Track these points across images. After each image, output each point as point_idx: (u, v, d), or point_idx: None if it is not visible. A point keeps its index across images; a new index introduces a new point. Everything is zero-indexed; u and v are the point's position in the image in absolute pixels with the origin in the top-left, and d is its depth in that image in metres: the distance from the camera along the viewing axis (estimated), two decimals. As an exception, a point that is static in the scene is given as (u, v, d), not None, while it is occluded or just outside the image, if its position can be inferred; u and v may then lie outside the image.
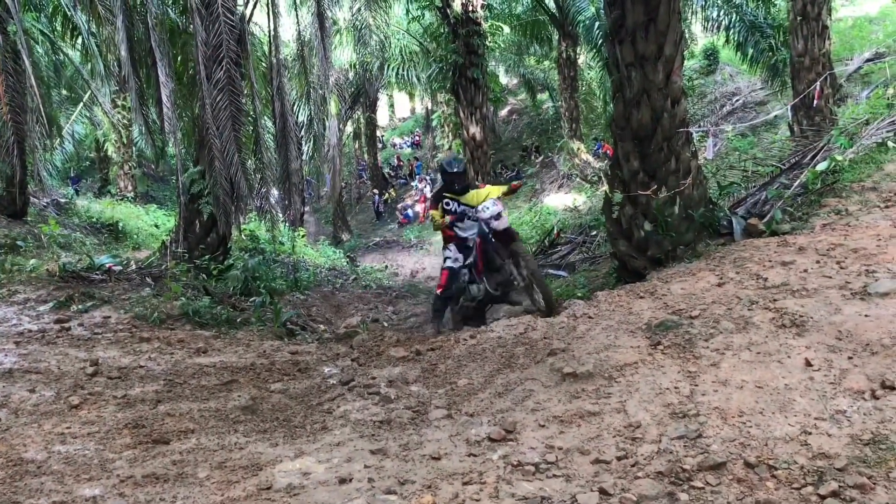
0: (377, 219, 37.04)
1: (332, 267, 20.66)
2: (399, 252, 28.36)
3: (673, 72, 7.78)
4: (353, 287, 16.14)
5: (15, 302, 8.88)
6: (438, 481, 4.11)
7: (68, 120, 25.66)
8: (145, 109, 12.92)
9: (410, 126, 52.36)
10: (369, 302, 12.99)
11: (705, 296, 5.94)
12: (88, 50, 19.67)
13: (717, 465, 3.82)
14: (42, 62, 19.06)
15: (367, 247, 30.31)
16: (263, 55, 14.95)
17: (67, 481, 4.40)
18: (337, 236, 32.19)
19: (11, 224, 16.14)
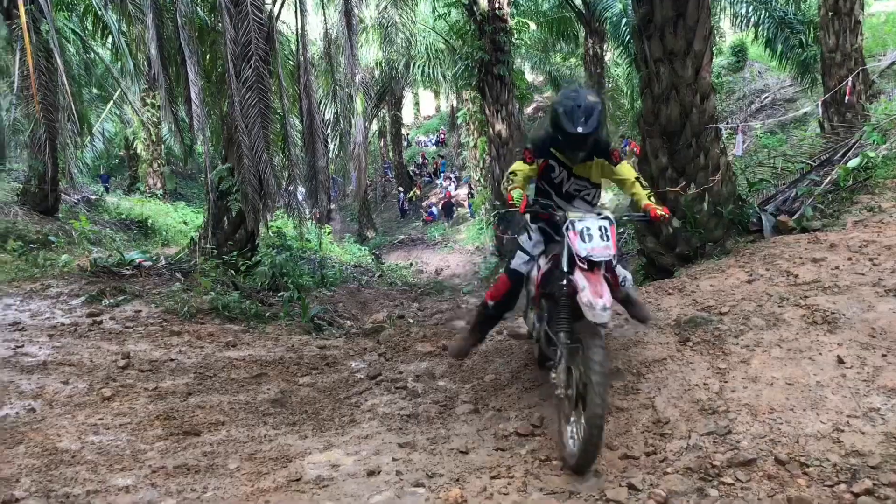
0: (402, 216, 37.09)
1: (358, 264, 20.72)
2: (424, 250, 28.39)
3: (702, 67, 7.72)
4: (378, 284, 16.20)
5: (48, 296, 9.02)
6: (466, 475, 4.13)
7: (99, 118, 25.94)
8: (174, 107, 13.05)
9: (435, 124, 52.34)
10: (395, 299, 13.03)
11: (735, 292, 5.90)
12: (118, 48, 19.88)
13: (748, 462, 3.80)
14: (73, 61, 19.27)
15: (392, 244, 30.40)
16: (291, 53, 15.03)
17: (101, 471, 4.47)
18: (362, 234, 32.29)
19: (43, 220, 16.39)
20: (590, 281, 4.16)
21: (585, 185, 4.96)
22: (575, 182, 4.95)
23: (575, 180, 4.94)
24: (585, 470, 4.00)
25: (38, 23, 14.32)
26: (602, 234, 4.29)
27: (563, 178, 4.95)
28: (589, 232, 4.28)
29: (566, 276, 4.33)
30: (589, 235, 4.27)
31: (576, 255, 4.27)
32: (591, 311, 4.05)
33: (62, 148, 15.48)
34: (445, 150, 44.21)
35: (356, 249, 25.89)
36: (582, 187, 4.97)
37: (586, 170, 4.90)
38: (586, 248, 4.24)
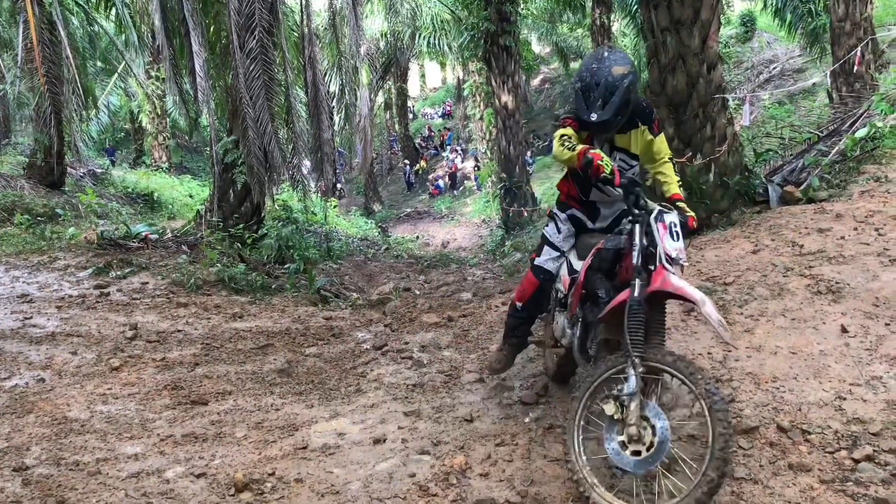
0: (408, 189, 37.06)
1: (364, 237, 20.78)
2: (430, 223, 28.41)
3: (709, 36, 7.65)
4: (384, 257, 16.25)
5: (56, 268, 9.08)
6: (471, 442, 4.17)
7: (103, 91, 25.92)
8: (179, 79, 13.03)
9: (442, 96, 52.07)
10: (401, 271, 13.08)
11: (740, 263, 5.90)
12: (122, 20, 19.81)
13: (750, 429, 3.83)
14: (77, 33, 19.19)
15: (399, 217, 30.41)
16: (295, 24, 14.96)
17: (110, 439, 4.53)
18: (368, 207, 32.30)
19: (50, 194, 16.41)
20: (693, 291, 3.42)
21: (627, 159, 4.18)
22: (618, 157, 4.15)
23: (618, 155, 4.16)
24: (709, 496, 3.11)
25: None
26: (677, 233, 3.59)
27: (605, 152, 3.92)
28: (676, 228, 3.57)
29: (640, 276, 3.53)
30: (677, 233, 3.56)
31: (663, 254, 3.49)
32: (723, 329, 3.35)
33: (67, 121, 15.49)
34: (451, 123, 44.03)
35: (363, 222, 25.93)
36: (625, 164, 4.16)
37: (628, 140, 4.15)
38: (676, 247, 3.52)
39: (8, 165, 19.08)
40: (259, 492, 3.73)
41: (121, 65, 25.31)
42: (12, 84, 19.08)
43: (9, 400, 5.11)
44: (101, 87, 25.97)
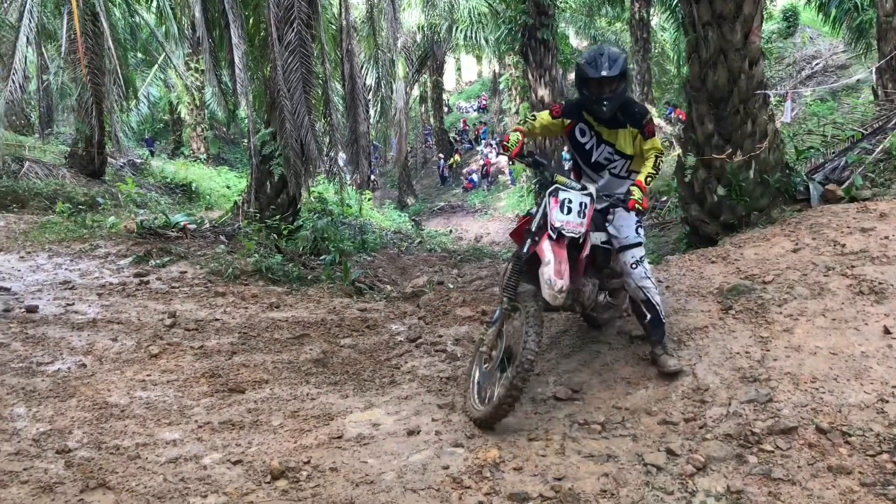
0: (442, 183, 37.07)
1: (398, 230, 20.83)
2: (463, 217, 28.40)
3: (752, 31, 7.53)
4: (417, 250, 16.29)
5: (97, 256, 9.24)
6: (504, 436, 4.17)
7: (144, 82, 26.30)
8: (218, 71, 13.15)
9: (477, 90, 51.97)
10: (434, 265, 13.08)
11: (779, 261, 5.81)
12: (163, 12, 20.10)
13: (788, 430, 3.79)
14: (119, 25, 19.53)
15: (432, 211, 30.45)
16: (333, 17, 15.00)
17: (149, 425, 4.61)
18: (402, 200, 32.37)
19: (91, 183, 16.72)
20: (556, 256, 4.19)
21: (614, 154, 4.83)
22: (605, 150, 4.83)
23: (605, 147, 4.82)
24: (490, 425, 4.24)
25: (85, -14, 14.49)
26: (580, 210, 4.31)
27: (592, 144, 4.86)
28: (569, 204, 4.30)
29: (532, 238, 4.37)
30: (569, 208, 4.29)
31: (550, 224, 4.28)
32: (550, 289, 4.14)
33: (108, 112, 15.76)
34: (487, 117, 43.92)
35: (396, 216, 26.01)
36: (611, 157, 4.84)
37: (616, 137, 4.77)
38: (562, 219, 4.27)
39: (50, 155, 19.46)
40: (294, 479, 3.78)
41: (161, 56, 25.65)
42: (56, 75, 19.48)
43: (52, 384, 5.22)
44: (142, 79, 26.34)
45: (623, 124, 4.73)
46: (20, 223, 11.01)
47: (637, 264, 4.69)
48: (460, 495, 3.56)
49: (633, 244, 4.72)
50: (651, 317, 4.73)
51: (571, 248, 4.33)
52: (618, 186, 4.88)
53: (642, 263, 4.72)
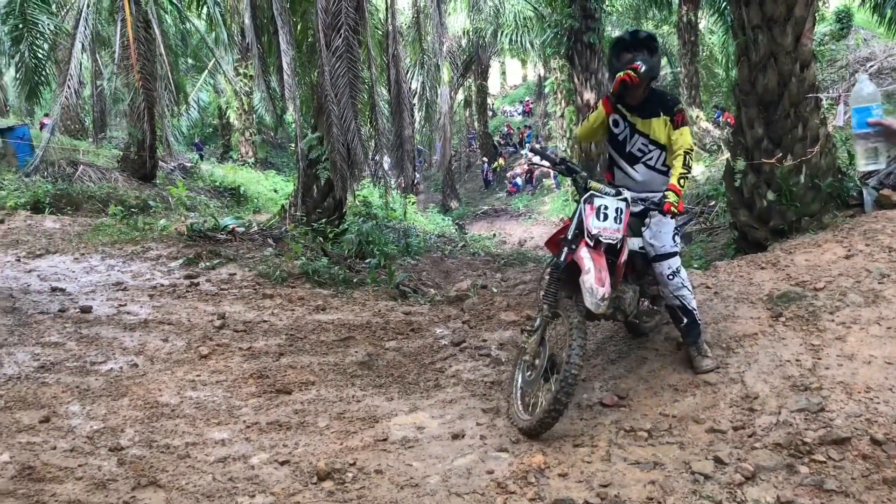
0: (486, 187, 37.05)
1: (441, 234, 20.89)
2: (507, 221, 28.34)
3: (803, 34, 7.40)
4: (461, 254, 16.30)
5: (148, 258, 9.44)
6: (550, 442, 4.16)
7: (194, 87, 26.78)
8: (267, 77, 13.34)
9: (521, 94, 51.86)
10: (477, 269, 13.08)
11: (831, 268, 5.70)
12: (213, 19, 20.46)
13: (841, 440, 3.70)
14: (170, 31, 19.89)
15: (476, 215, 30.44)
16: (380, 23, 15.13)
17: (198, 424, 4.70)
18: (446, 204, 32.45)
19: (142, 186, 17.10)
20: (595, 263, 4.16)
21: (649, 145, 4.76)
22: (639, 141, 4.77)
23: (639, 138, 4.76)
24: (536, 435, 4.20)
25: (139, -6, 14.83)
26: (617, 216, 4.29)
27: (626, 135, 4.81)
28: (605, 210, 4.27)
29: (569, 246, 4.33)
30: (605, 214, 4.27)
31: (586, 231, 4.25)
32: (592, 297, 4.10)
33: (160, 116, 16.09)
34: (531, 120, 43.80)
35: (440, 219, 26.07)
36: (645, 148, 4.77)
37: (649, 126, 4.72)
38: (599, 226, 4.24)
39: (103, 158, 19.93)
40: (340, 481, 3.82)
41: (211, 62, 26.11)
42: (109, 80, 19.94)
43: (105, 383, 5.35)
44: (192, 84, 26.84)
45: (656, 113, 4.70)
46: (74, 225, 11.29)
47: (674, 275, 4.63)
48: (505, 500, 3.56)
49: (669, 254, 4.65)
50: (687, 321, 4.70)
51: (609, 255, 4.31)
52: (655, 181, 4.81)
53: (679, 274, 4.66)
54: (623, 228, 4.32)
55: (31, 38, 15.04)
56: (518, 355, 4.64)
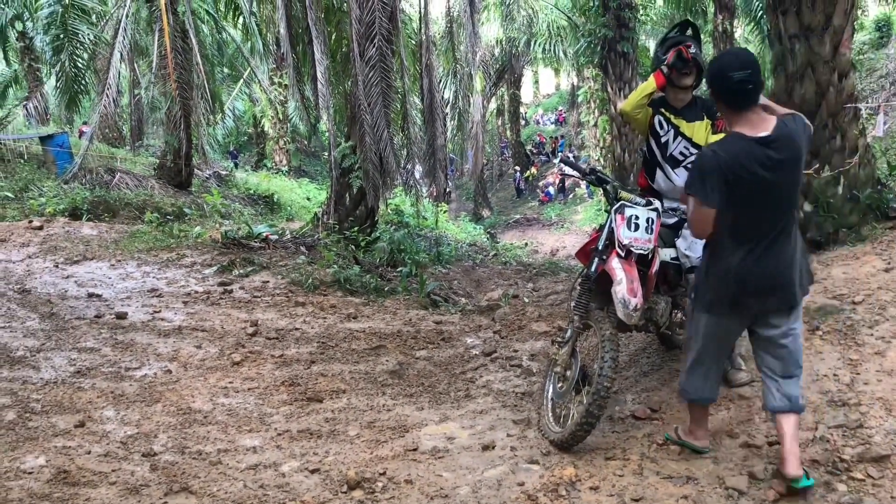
0: (518, 196, 36.97)
1: (473, 243, 20.85)
2: (539, 230, 28.23)
3: (841, 43, 7.28)
4: (492, 263, 16.25)
5: (183, 265, 9.55)
6: (581, 454, 4.13)
7: (229, 96, 27.08)
8: (301, 86, 13.44)
9: (555, 102, 51.73)
10: (509, 278, 13.03)
11: (870, 281, 5.59)
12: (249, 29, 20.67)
13: (881, 458, 3.63)
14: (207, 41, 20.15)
15: (507, 224, 30.36)
16: (413, 32, 15.19)
17: (230, 431, 4.74)
18: (477, 213, 32.44)
19: (178, 194, 17.29)
20: (627, 274, 4.11)
21: (690, 148, 4.73)
22: (681, 144, 4.76)
23: (682, 141, 4.75)
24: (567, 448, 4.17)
25: (176, 4, 15.03)
26: (648, 227, 4.28)
27: (669, 137, 4.79)
28: (636, 221, 4.26)
29: (600, 257, 4.29)
30: (636, 224, 4.26)
31: (617, 241, 4.23)
32: (624, 308, 4.05)
33: (196, 125, 16.27)
34: (564, 129, 43.67)
35: (471, 228, 26.04)
36: (687, 152, 4.74)
37: (693, 130, 4.73)
38: (630, 236, 4.23)
39: (140, 166, 20.21)
40: (370, 490, 3.82)
41: (246, 71, 26.39)
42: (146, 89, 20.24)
43: (139, 388, 5.42)
44: (228, 93, 27.14)
45: (700, 116, 4.73)
46: (111, 232, 11.45)
47: None
48: (535, 512, 3.54)
49: None
50: None
51: (640, 265, 4.28)
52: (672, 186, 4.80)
53: None
54: (654, 238, 4.30)
55: (72, 48, 15.32)
56: (549, 366, 4.62)
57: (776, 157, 3.36)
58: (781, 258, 3.49)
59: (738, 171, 3.38)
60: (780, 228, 3.47)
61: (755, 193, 3.41)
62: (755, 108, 3.47)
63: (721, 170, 3.40)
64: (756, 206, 3.44)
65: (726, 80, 3.42)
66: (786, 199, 3.49)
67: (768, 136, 3.37)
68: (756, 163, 3.36)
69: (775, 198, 3.45)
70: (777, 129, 3.40)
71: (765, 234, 3.47)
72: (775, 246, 3.48)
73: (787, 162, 3.39)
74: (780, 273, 3.50)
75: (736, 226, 3.50)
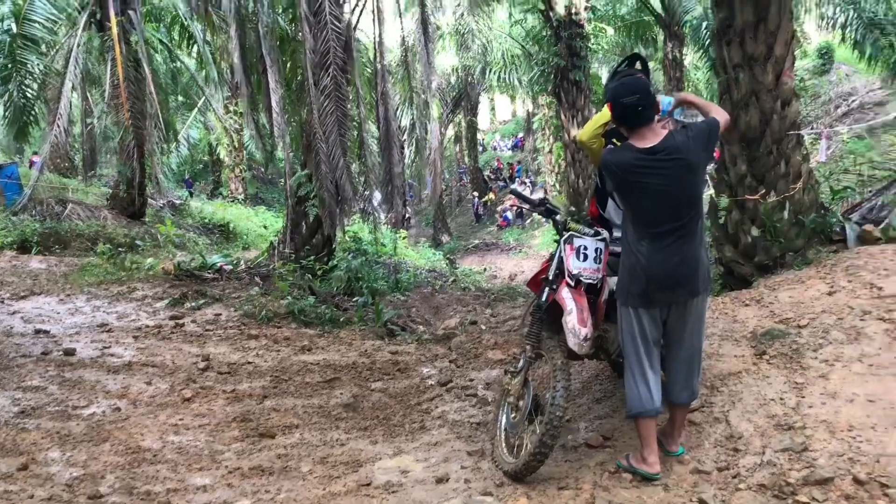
0: (476, 221, 37.17)
1: (432, 268, 20.87)
2: (498, 255, 28.37)
3: (783, 72, 7.49)
4: (451, 289, 16.27)
5: (134, 298, 9.40)
6: (534, 485, 4.12)
7: (184, 125, 26.91)
8: (256, 115, 13.43)
9: (511, 129, 52.27)
10: (468, 304, 13.06)
11: (815, 304, 5.71)
12: (203, 58, 20.59)
13: (824, 480, 3.68)
14: (161, 70, 20.06)
15: (467, 249, 30.47)
16: (368, 61, 15.27)
17: (180, 470, 4.65)
18: (437, 238, 32.50)
19: (130, 224, 17.04)
20: (577, 304, 4.20)
21: None
22: None
23: None
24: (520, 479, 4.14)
25: (129, 34, 14.94)
26: (597, 256, 4.38)
27: None
28: (585, 251, 4.35)
29: (551, 287, 4.35)
30: (584, 254, 4.35)
31: (567, 271, 4.28)
32: (575, 338, 4.12)
33: (149, 154, 16.10)
34: (521, 155, 44.08)
35: (431, 254, 26.08)
36: None
37: None
38: (579, 266, 4.31)
39: (93, 196, 19.89)
40: (322, 528, 3.77)
41: (201, 100, 26.25)
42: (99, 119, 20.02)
43: (86, 428, 5.29)
44: (182, 121, 26.97)
45: None
46: (61, 265, 11.25)
47: None
48: (488, 547, 3.52)
49: None
50: None
51: (590, 294, 4.36)
52: None
53: None
54: (603, 268, 4.39)
55: (20, 78, 15.11)
56: (502, 396, 4.61)
57: (660, 165, 3.78)
58: (686, 254, 3.86)
59: (625, 176, 3.87)
60: (680, 227, 3.85)
61: (647, 196, 3.84)
62: (649, 124, 3.88)
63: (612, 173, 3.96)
64: (651, 208, 3.85)
65: (618, 104, 3.92)
66: (683, 203, 3.85)
67: (654, 147, 3.80)
68: (642, 170, 3.80)
69: (668, 200, 3.83)
70: (663, 141, 3.82)
71: (666, 232, 3.85)
72: (678, 243, 3.85)
73: (672, 169, 3.79)
74: (685, 267, 3.86)
75: (637, 224, 3.93)
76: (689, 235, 3.87)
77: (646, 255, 3.86)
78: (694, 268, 3.88)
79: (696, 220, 3.90)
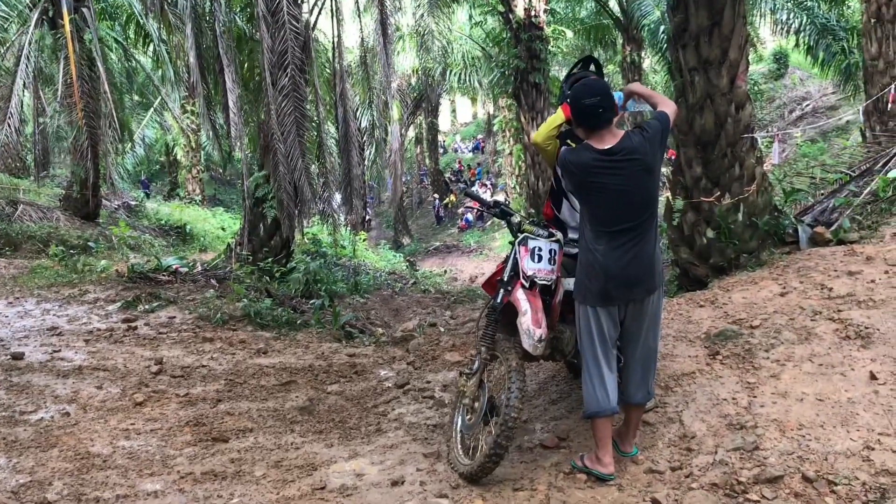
0: (437, 223, 37.16)
1: (392, 271, 20.80)
2: (458, 257, 28.39)
3: (738, 76, 7.61)
4: (411, 291, 16.23)
5: (86, 301, 9.21)
6: (489, 486, 4.12)
7: (139, 125, 26.44)
8: (213, 115, 13.25)
9: (472, 131, 52.38)
10: (427, 306, 13.04)
11: (767, 305, 5.81)
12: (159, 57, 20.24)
13: (774, 479, 3.74)
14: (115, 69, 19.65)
15: (427, 251, 30.44)
16: (327, 61, 15.16)
17: (131, 476, 4.56)
18: (398, 240, 32.43)
19: (84, 226, 16.71)
20: (532, 305, 4.23)
21: None
22: None
23: None
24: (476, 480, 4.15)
25: (82, 32, 14.64)
26: (551, 258, 4.41)
27: None
28: (540, 252, 4.38)
29: (505, 288, 4.38)
30: (539, 256, 4.37)
31: (521, 273, 4.31)
32: (529, 339, 4.14)
33: (104, 154, 15.80)
34: (482, 157, 44.19)
35: (391, 256, 25.99)
36: None
37: None
38: (534, 267, 4.33)
39: (45, 197, 19.45)
40: (275, 533, 3.72)
41: (157, 99, 25.84)
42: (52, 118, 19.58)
43: (34, 433, 5.17)
44: (138, 121, 26.50)
45: None
46: (10, 268, 10.99)
47: None
48: (442, 549, 3.50)
49: None
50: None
51: (545, 296, 4.39)
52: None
53: None
54: (557, 269, 4.41)
55: (-32, 77, 14.73)
56: (457, 398, 4.61)
57: (618, 167, 3.86)
58: (642, 252, 3.95)
59: (584, 176, 3.94)
60: (637, 226, 3.93)
61: (605, 196, 3.91)
62: (608, 126, 3.94)
63: (571, 173, 4.03)
64: (609, 208, 3.93)
65: (579, 105, 3.97)
66: (640, 203, 3.94)
67: (611, 148, 3.87)
68: (599, 170, 3.88)
69: (626, 200, 3.91)
70: (620, 142, 3.89)
71: (623, 231, 3.92)
72: (634, 241, 3.93)
73: (630, 170, 3.87)
74: (641, 265, 3.95)
75: (594, 223, 4.00)
76: (645, 234, 3.95)
77: (603, 253, 3.93)
78: (650, 265, 3.97)
79: (651, 219, 4.00)
